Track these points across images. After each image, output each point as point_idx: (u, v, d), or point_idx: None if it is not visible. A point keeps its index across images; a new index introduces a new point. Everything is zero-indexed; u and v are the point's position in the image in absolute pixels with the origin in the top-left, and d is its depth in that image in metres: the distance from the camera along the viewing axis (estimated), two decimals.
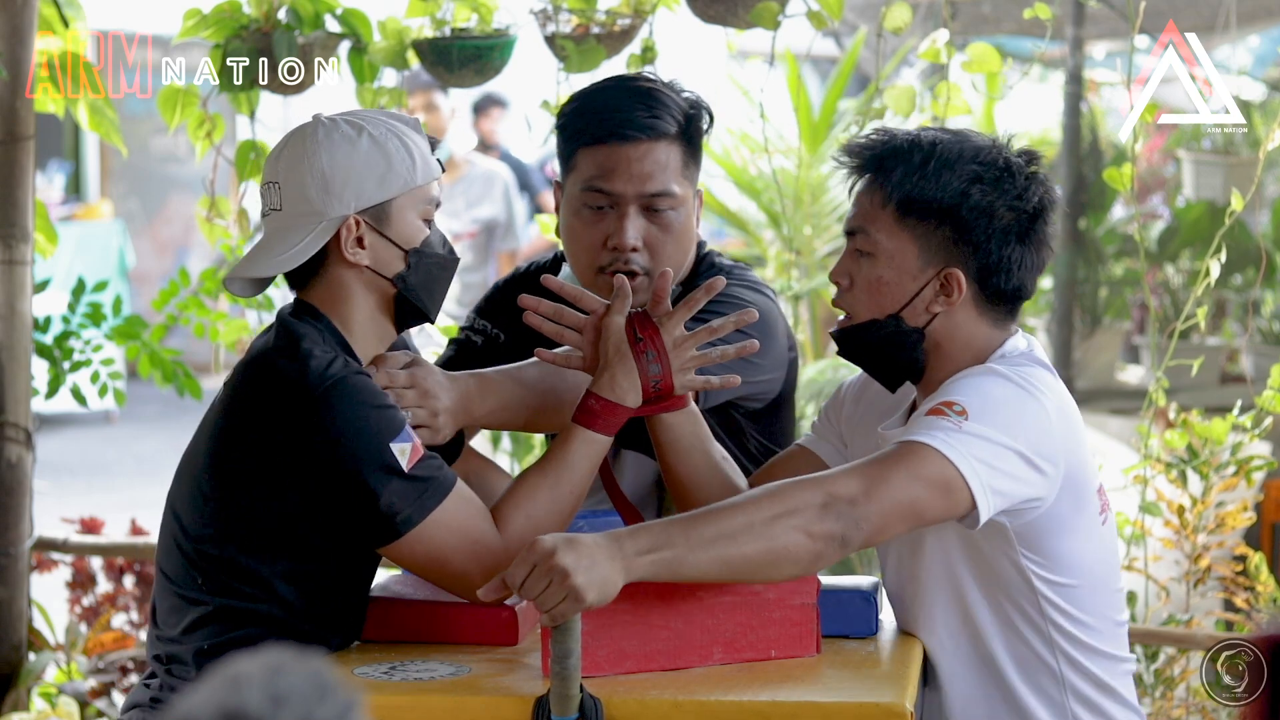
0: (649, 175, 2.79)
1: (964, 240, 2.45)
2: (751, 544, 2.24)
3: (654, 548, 2.23)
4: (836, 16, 3.82)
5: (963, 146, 2.47)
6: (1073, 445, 2.42)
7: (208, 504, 2.49)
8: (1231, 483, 3.91)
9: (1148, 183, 8.80)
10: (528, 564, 2.19)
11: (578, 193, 2.83)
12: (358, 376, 2.45)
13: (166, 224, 13.41)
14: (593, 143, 2.81)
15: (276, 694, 1.26)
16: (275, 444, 2.44)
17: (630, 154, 2.79)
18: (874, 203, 2.49)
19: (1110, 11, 6.14)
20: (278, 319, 2.56)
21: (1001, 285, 2.47)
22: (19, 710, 4.09)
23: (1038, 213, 2.48)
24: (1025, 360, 2.46)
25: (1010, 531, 2.41)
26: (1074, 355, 7.39)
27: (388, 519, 2.43)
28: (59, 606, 4.68)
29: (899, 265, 2.47)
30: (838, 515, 2.26)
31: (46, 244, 4.16)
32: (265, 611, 2.46)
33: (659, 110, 2.80)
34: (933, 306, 2.47)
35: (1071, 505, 2.42)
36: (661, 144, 2.80)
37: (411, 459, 2.43)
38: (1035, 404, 2.38)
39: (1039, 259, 2.50)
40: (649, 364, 2.50)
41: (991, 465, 2.31)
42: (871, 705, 2.24)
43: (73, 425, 10.35)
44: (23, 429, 4.04)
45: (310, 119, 2.56)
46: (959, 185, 2.44)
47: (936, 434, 2.31)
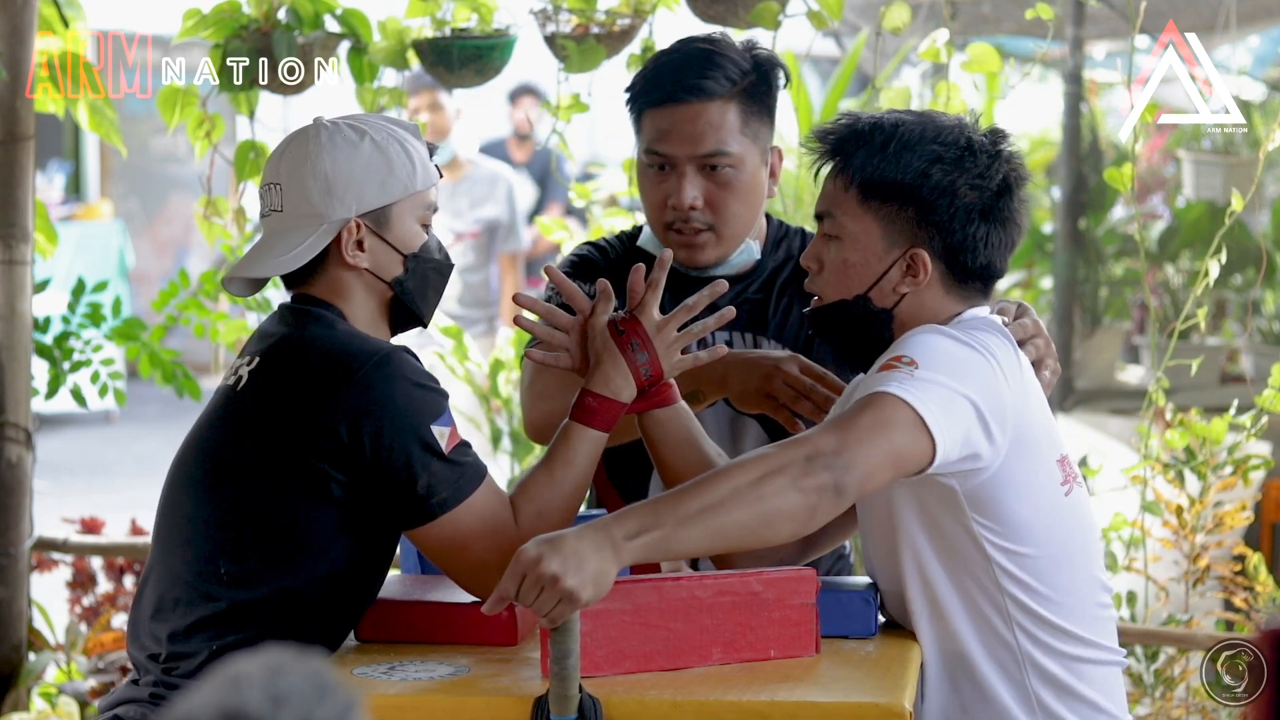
0: (701, 136, 2.87)
1: (927, 220, 2.47)
2: (742, 509, 2.24)
3: (642, 529, 2.23)
4: (836, 16, 3.82)
5: (925, 127, 2.50)
6: (1022, 408, 2.41)
7: (238, 493, 2.48)
8: (1229, 482, 3.91)
9: (1148, 183, 8.79)
10: (517, 576, 2.19)
11: (643, 153, 2.94)
12: (403, 352, 2.48)
13: (166, 224, 13.42)
14: (651, 105, 2.92)
15: (276, 694, 1.26)
16: (315, 422, 2.43)
17: (683, 114, 2.88)
18: (838, 186, 2.52)
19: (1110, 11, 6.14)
20: (289, 310, 2.57)
21: (969, 264, 2.49)
22: (19, 710, 4.09)
23: (1002, 190, 2.49)
24: (980, 325, 2.47)
25: (960, 495, 2.40)
26: (1074, 355, 7.39)
27: (423, 500, 2.45)
28: (59, 606, 4.68)
29: (864, 247, 2.50)
30: (824, 465, 2.27)
31: (46, 244, 4.16)
32: (279, 610, 2.46)
33: (712, 72, 2.88)
34: (900, 287, 2.49)
35: (1022, 467, 2.41)
36: (715, 104, 2.88)
37: (450, 443, 2.45)
38: (983, 361, 2.39)
39: (1007, 236, 2.51)
40: (635, 354, 2.55)
41: (945, 408, 2.32)
42: (871, 705, 2.24)
43: (73, 425, 10.36)
44: (23, 429, 4.04)
45: (311, 122, 2.57)
46: (919, 165, 2.47)
47: (890, 383, 2.32)
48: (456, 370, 5.35)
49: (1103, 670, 2.51)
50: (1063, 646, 2.46)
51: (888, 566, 2.53)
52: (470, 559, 2.48)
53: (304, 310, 2.55)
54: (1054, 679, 2.46)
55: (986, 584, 2.44)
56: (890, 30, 3.82)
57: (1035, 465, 2.43)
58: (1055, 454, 2.47)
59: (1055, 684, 2.46)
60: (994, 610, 2.45)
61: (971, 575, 2.45)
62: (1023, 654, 2.45)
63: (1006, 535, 2.42)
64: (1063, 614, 2.46)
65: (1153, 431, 3.93)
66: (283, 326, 2.56)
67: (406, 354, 2.49)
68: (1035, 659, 2.45)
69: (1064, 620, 2.46)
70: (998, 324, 2.52)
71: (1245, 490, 4.06)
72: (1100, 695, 2.50)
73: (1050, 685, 2.46)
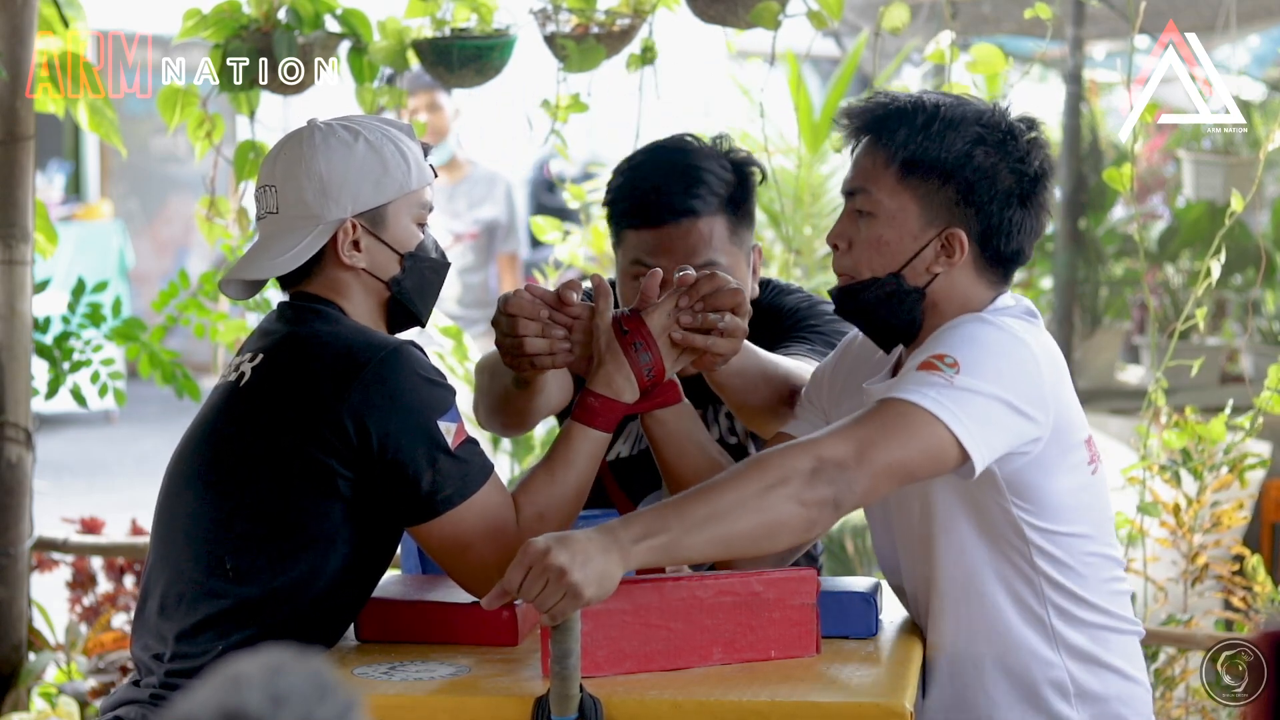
0: (692, 251, 2.85)
1: (967, 201, 2.47)
2: (745, 520, 2.25)
3: (648, 534, 2.23)
4: (836, 16, 3.82)
5: (965, 109, 2.49)
6: (1060, 392, 2.43)
7: (243, 489, 2.48)
8: (1226, 481, 3.91)
9: (1148, 183, 8.80)
10: (523, 566, 2.19)
11: (628, 265, 2.90)
12: (410, 347, 2.48)
13: (166, 224, 13.42)
14: (635, 226, 2.88)
15: (276, 694, 1.26)
16: (321, 416, 2.43)
17: (672, 234, 2.86)
18: (876, 163, 2.50)
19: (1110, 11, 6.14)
20: (290, 307, 2.57)
21: (1001, 248, 2.49)
22: (19, 710, 4.09)
23: (1039, 177, 2.50)
24: (1014, 311, 2.48)
25: (999, 479, 2.41)
26: (1074, 355, 7.38)
27: (430, 495, 2.45)
28: (59, 606, 4.68)
29: (900, 225, 2.48)
30: (829, 480, 2.26)
31: (46, 244, 4.16)
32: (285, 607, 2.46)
33: (698, 189, 2.85)
34: (933, 267, 2.48)
35: (1058, 451, 2.43)
36: (703, 220, 2.86)
37: (456, 439, 2.45)
38: (1024, 351, 2.39)
39: (1038, 224, 2.52)
40: (638, 354, 2.54)
41: (984, 420, 2.32)
42: (871, 705, 2.24)
43: (73, 425, 10.36)
44: (23, 429, 4.04)
45: (305, 124, 2.58)
46: (963, 146, 2.46)
47: (928, 392, 2.31)
48: (456, 370, 5.35)
49: (1124, 639, 2.54)
50: (1088, 616, 2.49)
51: (914, 555, 2.53)
52: (471, 558, 2.47)
53: (306, 307, 2.55)
54: (1083, 652, 2.49)
55: (1023, 565, 2.47)
56: (890, 30, 3.82)
57: (1070, 448, 2.45)
58: (1084, 434, 2.49)
59: (1084, 657, 2.50)
60: (1029, 590, 2.47)
61: (1009, 558, 2.47)
62: (1054, 631, 2.48)
63: (1042, 515, 2.45)
64: (1088, 587, 2.49)
65: (1152, 432, 3.93)
66: (285, 323, 2.56)
67: (414, 348, 2.49)
68: (1065, 635, 2.48)
69: (1088, 593, 2.49)
70: (1028, 304, 2.53)
71: (1243, 490, 4.06)
72: (1125, 663, 2.53)
73: (1079, 659, 2.49)
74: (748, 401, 2.72)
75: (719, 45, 4.69)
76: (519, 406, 2.82)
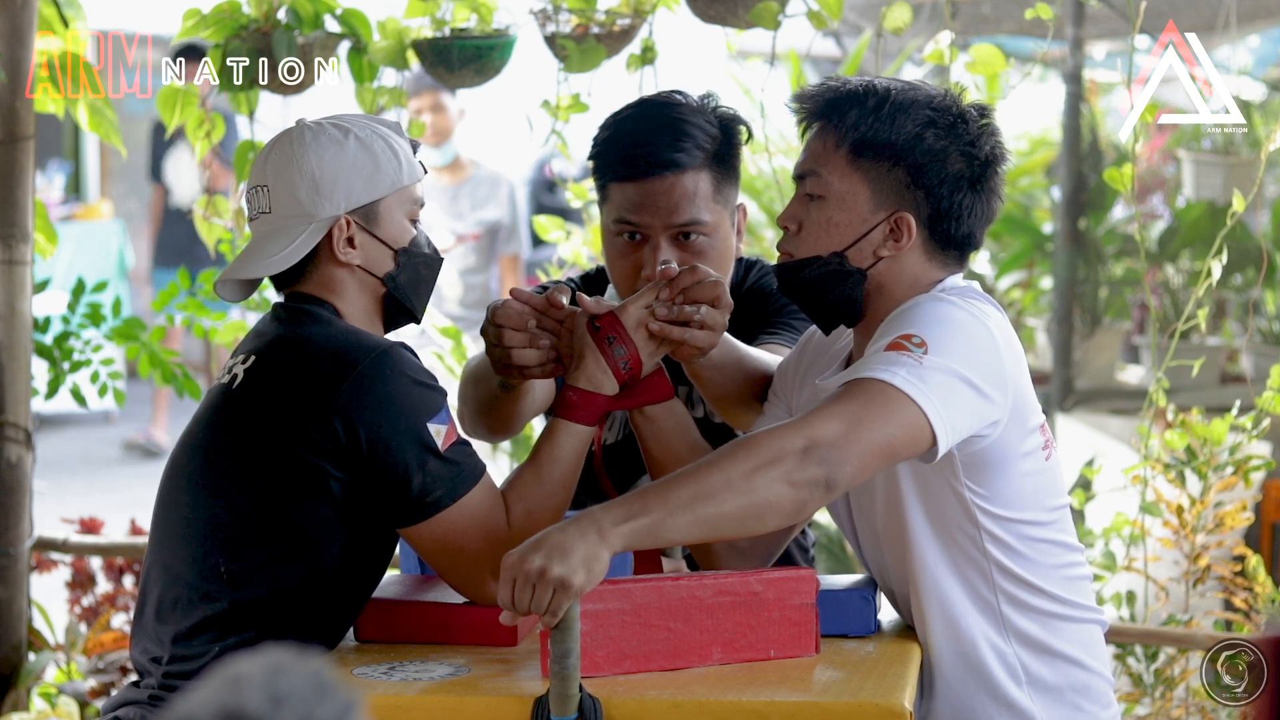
0: (676, 207, 2.82)
1: (917, 184, 2.47)
2: (731, 500, 2.23)
3: (631, 516, 2.21)
4: (836, 16, 3.82)
5: (916, 93, 2.50)
6: (1017, 375, 2.42)
7: (236, 492, 2.48)
8: (1230, 482, 3.91)
9: (1148, 183, 8.79)
10: (508, 582, 2.19)
11: (611, 223, 2.88)
12: (401, 348, 2.48)
13: None
14: (620, 178, 2.85)
15: (276, 694, 1.26)
16: (312, 418, 2.43)
17: (656, 188, 2.82)
18: (827, 146, 2.50)
19: (1110, 11, 6.14)
20: (283, 309, 2.57)
21: (952, 231, 2.49)
22: (19, 710, 4.09)
23: (990, 162, 2.50)
24: (972, 294, 2.48)
25: (957, 462, 2.41)
26: (1074, 355, 7.38)
27: (419, 498, 2.45)
28: (59, 606, 4.68)
29: (850, 207, 2.49)
30: (820, 460, 2.25)
31: (46, 244, 4.16)
32: (280, 609, 2.46)
33: (684, 142, 2.83)
34: (880, 250, 2.49)
35: (1016, 435, 2.42)
36: (688, 174, 2.83)
37: (447, 440, 2.45)
38: (986, 332, 2.39)
39: (989, 209, 2.52)
40: (613, 348, 2.55)
41: (950, 401, 2.31)
42: (871, 705, 2.24)
43: (73, 425, 10.36)
44: (23, 429, 4.04)
45: (294, 124, 2.59)
46: (913, 129, 2.46)
47: (899, 371, 2.30)
48: (456, 371, 5.35)
49: (1079, 627, 2.52)
50: (1039, 603, 2.48)
51: (876, 547, 2.54)
52: (464, 559, 2.47)
53: (299, 308, 2.55)
54: (1033, 640, 2.48)
55: (973, 552, 2.46)
56: (891, 31, 3.82)
57: (1026, 433, 2.45)
58: (1039, 419, 2.48)
59: (1034, 645, 2.48)
60: (980, 577, 2.47)
61: (959, 545, 2.46)
62: (1004, 618, 2.47)
63: (996, 500, 2.44)
64: (1039, 574, 2.47)
65: (1153, 432, 3.93)
66: (278, 325, 2.56)
67: (405, 350, 2.49)
68: (1015, 623, 2.47)
69: (1040, 579, 2.48)
70: (979, 289, 2.52)
71: (1245, 490, 4.06)
72: (1080, 652, 2.51)
73: (1029, 647, 2.48)
74: (725, 394, 2.72)
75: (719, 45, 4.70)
76: (505, 410, 2.82)
